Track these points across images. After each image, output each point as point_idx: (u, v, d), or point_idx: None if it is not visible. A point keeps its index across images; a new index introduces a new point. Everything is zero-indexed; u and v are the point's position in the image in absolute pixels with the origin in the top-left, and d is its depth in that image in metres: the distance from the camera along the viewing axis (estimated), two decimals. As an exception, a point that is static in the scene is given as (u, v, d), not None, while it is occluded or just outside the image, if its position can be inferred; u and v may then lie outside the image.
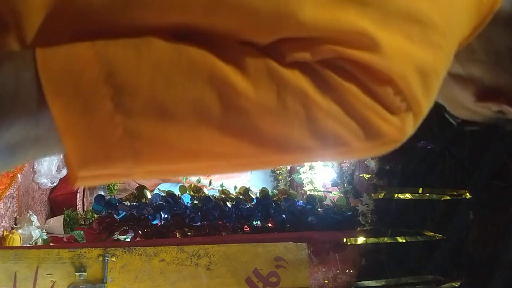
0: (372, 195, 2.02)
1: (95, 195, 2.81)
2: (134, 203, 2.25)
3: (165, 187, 4.01)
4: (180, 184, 2.50)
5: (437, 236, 1.97)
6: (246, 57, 0.43)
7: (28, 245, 2.47)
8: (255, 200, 2.29)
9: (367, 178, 2.18)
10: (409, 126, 0.47)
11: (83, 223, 2.96)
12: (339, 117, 0.44)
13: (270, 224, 2.27)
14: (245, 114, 0.43)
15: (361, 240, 2.01)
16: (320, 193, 2.84)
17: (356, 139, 0.46)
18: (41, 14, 0.45)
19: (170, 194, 2.29)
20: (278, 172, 4.11)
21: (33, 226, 2.56)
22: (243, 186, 2.44)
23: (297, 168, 3.53)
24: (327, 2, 0.42)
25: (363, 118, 0.44)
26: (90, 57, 0.41)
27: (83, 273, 1.90)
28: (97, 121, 0.42)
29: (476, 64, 0.54)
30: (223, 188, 3.63)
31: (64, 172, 3.16)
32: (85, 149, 0.43)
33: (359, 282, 2.02)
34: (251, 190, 2.39)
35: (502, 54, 0.53)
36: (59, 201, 3.17)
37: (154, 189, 3.86)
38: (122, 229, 2.17)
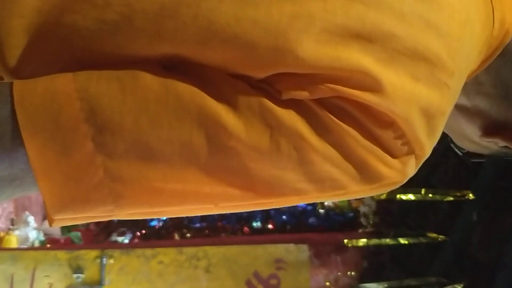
0: (374, 196, 2.00)
1: (93, 196, 2.79)
2: (133, 204, 2.24)
3: (164, 188, 4.02)
4: (179, 185, 2.49)
5: (440, 238, 1.95)
6: (239, 94, 0.40)
7: (25, 246, 2.46)
8: (255, 201, 2.28)
9: (368, 179, 2.17)
10: (411, 168, 0.45)
11: (80, 225, 2.95)
12: (336, 161, 0.42)
13: (270, 226, 2.26)
14: (235, 156, 0.41)
15: (362, 241, 2.00)
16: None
17: (353, 182, 0.44)
18: (23, 37, 0.43)
19: (169, 195, 2.28)
20: (278, 172, 4.11)
21: (30, 227, 2.55)
22: (243, 187, 2.44)
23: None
24: (329, 38, 0.39)
25: (362, 162, 0.42)
26: (70, 92, 0.39)
27: (81, 275, 1.90)
28: (76, 163, 0.39)
29: (483, 97, 0.52)
30: (223, 189, 3.64)
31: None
32: (62, 193, 0.41)
33: (360, 285, 2.01)
34: (251, 191, 2.38)
35: (511, 89, 0.51)
36: (57, 202, 3.16)
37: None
38: (120, 231, 2.16)
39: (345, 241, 2.01)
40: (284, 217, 2.24)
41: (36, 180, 0.40)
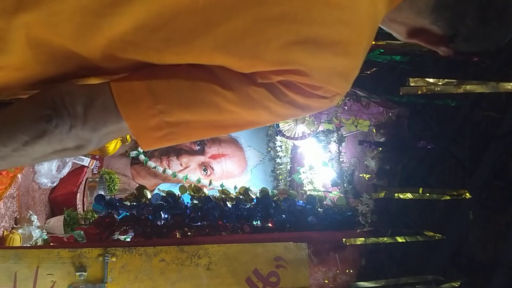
0: (372, 195, 2.02)
1: (95, 195, 2.80)
2: (134, 203, 2.25)
3: (165, 187, 4.01)
4: (180, 184, 2.50)
5: (437, 236, 1.97)
6: (235, 80, 0.75)
7: (28, 245, 2.47)
8: (255, 200, 2.29)
9: (367, 178, 2.18)
10: (337, 100, 0.82)
11: (83, 223, 2.96)
12: (290, 108, 0.78)
13: (270, 224, 2.27)
14: (234, 113, 0.77)
15: (360, 240, 2.01)
16: (320, 193, 2.84)
17: (303, 113, 0.81)
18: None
19: (170, 194, 2.29)
20: (278, 172, 4.11)
21: (33, 226, 2.56)
22: (243, 186, 2.44)
23: (297, 168, 3.53)
24: (282, 47, 0.71)
25: (305, 106, 0.78)
26: (143, 91, 0.74)
27: (83, 273, 1.90)
28: (152, 127, 0.75)
29: (405, 14, 0.83)
30: (223, 188, 3.63)
31: (64, 172, 3.16)
32: (147, 141, 0.78)
33: (358, 283, 2.02)
34: (251, 190, 2.39)
35: (422, 7, 0.81)
36: (59, 201, 3.16)
37: (154, 189, 3.86)
38: (122, 229, 2.17)
39: (344, 239, 2.03)
40: (283, 216, 2.25)
41: (134, 136, 0.76)
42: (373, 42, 2.07)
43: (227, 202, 2.29)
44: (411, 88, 1.74)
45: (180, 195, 2.30)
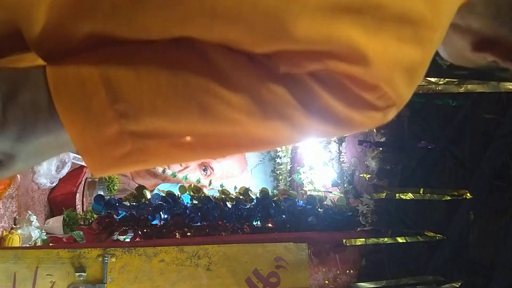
0: (374, 194, 2.02)
1: (94, 195, 2.80)
2: (134, 203, 2.24)
3: (165, 187, 4.01)
4: (180, 184, 2.50)
5: (438, 237, 1.96)
6: (236, 69, 0.48)
7: (27, 245, 2.47)
8: (255, 200, 2.29)
9: (367, 178, 2.18)
10: (391, 115, 0.54)
11: (82, 223, 2.95)
12: (321, 122, 0.51)
13: (270, 224, 2.27)
14: (237, 125, 0.50)
15: (361, 240, 2.01)
16: (320, 193, 2.84)
17: (338, 131, 0.53)
18: (46, 11, 0.51)
19: (170, 194, 2.29)
20: (278, 172, 4.10)
21: (33, 226, 2.55)
22: (243, 186, 2.44)
23: (297, 168, 3.53)
24: (322, 16, 0.44)
25: (346, 119, 0.50)
26: (96, 80, 0.47)
27: (83, 274, 1.90)
28: (108, 140, 0.49)
29: (476, 17, 0.57)
30: (223, 188, 3.63)
31: (63, 172, 3.16)
32: (101, 163, 0.51)
33: (358, 283, 2.02)
34: (251, 190, 2.39)
35: (502, 9, 0.56)
36: (58, 201, 3.16)
37: (154, 189, 3.85)
38: (122, 229, 2.17)
39: (344, 240, 2.03)
40: (283, 216, 2.25)
41: (79, 154, 0.50)
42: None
43: (227, 202, 2.29)
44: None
45: (180, 195, 2.30)
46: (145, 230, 2.17)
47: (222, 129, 0.50)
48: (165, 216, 2.21)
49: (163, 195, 2.29)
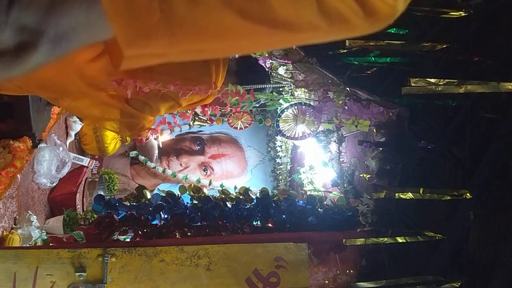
0: (373, 195, 2.02)
1: (94, 195, 2.80)
2: (134, 203, 2.24)
3: (165, 187, 4.01)
4: (180, 184, 2.50)
5: (438, 236, 1.96)
6: None
7: (27, 245, 2.47)
8: (255, 200, 2.29)
9: (367, 178, 2.18)
10: (401, 5, 0.60)
11: (82, 223, 2.96)
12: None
13: (270, 224, 2.27)
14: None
15: (360, 240, 2.01)
16: (320, 193, 2.84)
17: (356, 16, 0.58)
18: None
19: (170, 194, 2.29)
20: (278, 172, 4.10)
21: (33, 226, 2.55)
22: (243, 186, 2.44)
23: (297, 168, 3.53)
24: None
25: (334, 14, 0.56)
26: None
27: (83, 273, 1.90)
28: (138, 7, 0.50)
29: None
30: (223, 188, 3.63)
31: (63, 172, 3.16)
32: (129, 30, 0.52)
33: (358, 283, 2.02)
34: (251, 190, 2.39)
35: None
36: (58, 201, 3.16)
37: (154, 189, 3.86)
38: (122, 229, 2.17)
39: (344, 240, 2.03)
40: (283, 216, 2.25)
41: (109, 20, 0.50)
42: (373, 43, 2.07)
43: (227, 202, 2.29)
44: (412, 88, 1.74)
45: (180, 195, 2.30)
46: (145, 230, 2.17)
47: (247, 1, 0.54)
48: (165, 216, 2.21)
49: (163, 195, 2.29)
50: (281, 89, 3.16)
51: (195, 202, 2.28)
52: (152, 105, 1.81)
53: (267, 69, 2.65)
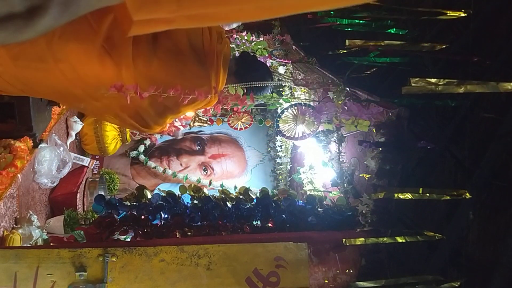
0: (372, 195, 2.02)
1: (95, 195, 2.81)
2: (134, 203, 2.25)
3: (165, 187, 4.02)
4: (180, 184, 2.50)
5: (437, 236, 1.97)
6: None
7: (28, 245, 2.47)
8: (255, 200, 2.29)
9: (367, 178, 2.18)
10: None
11: (83, 223, 2.96)
12: None
13: (270, 224, 2.27)
14: None
15: (360, 240, 2.01)
16: (320, 193, 2.84)
17: None
18: None
19: (170, 194, 2.29)
20: (278, 172, 4.11)
21: (33, 226, 2.56)
22: (243, 186, 2.45)
23: (297, 168, 3.53)
24: None
25: None
26: None
27: (83, 273, 1.90)
28: None
29: None
30: (223, 188, 3.63)
31: (64, 172, 3.17)
32: None
33: (358, 283, 2.02)
34: (251, 190, 2.39)
35: None
36: (59, 201, 3.17)
37: (154, 189, 3.86)
38: (122, 229, 2.17)
39: (344, 239, 2.03)
40: (283, 216, 2.25)
41: None
42: (373, 43, 2.08)
43: (227, 202, 2.29)
44: (412, 88, 1.74)
45: (180, 195, 2.31)
46: (145, 230, 2.17)
47: None
48: (166, 216, 2.21)
49: (164, 195, 2.30)
50: (281, 89, 3.16)
51: (195, 202, 2.28)
52: (157, 119, 1.82)
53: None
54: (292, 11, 0.61)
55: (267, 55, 3.10)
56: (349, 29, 2.40)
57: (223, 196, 2.36)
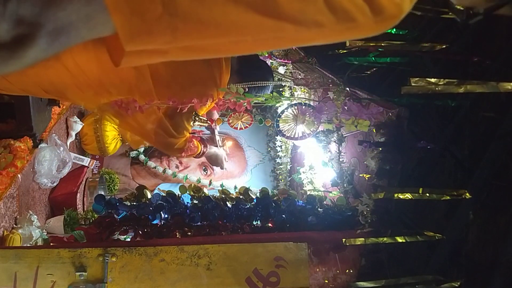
0: (372, 195, 2.02)
1: (95, 195, 2.81)
2: (134, 203, 2.25)
3: (165, 187, 4.02)
4: (180, 184, 2.50)
5: (437, 236, 1.97)
6: None
7: (28, 245, 2.47)
8: (255, 200, 2.30)
9: (367, 178, 2.18)
10: (407, 4, 0.61)
11: (83, 223, 2.96)
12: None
13: (270, 224, 2.27)
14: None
15: (360, 240, 2.01)
16: (320, 193, 2.84)
17: (362, 14, 0.58)
18: None
19: (170, 194, 2.30)
20: (278, 172, 4.11)
21: (33, 226, 2.56)
22: (243, 186, 2.45)
23: (297, 168, 3.53)
24: None
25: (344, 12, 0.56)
26: None
27: (83, 273, 1.90)
28: (140, 0, 0.48)
29: None
30: (223, 188, 3.63)
31: (64, 172, 3.17)
32: (130, 24, 0.50)
33: (358, 283, 2.02)
34: (251, 190, 2.39)
35: None
36: (59, 201, 3.17)
37: (154, 189, 3.86)
38: (122, 229, 2.17)
39: (344, 239, 2.03)
40: (283, 216, 2.25)
41: (110, 14, 0.48)
42: (373, 43, 2.07)
43: (227, 202, 2.29)
44: (412, 88, 1.74)
45: (180, 195, 2.31)
46: (145, 230, 2.18)
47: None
48: (166, 215, 2.21)
49: (164, 195, 2.30)
50: (281, 89, 3.16)
51: (195, 202, 2.28)
52: (180, 123, 1.83)
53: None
54: (291, 44, 0.62)
55: (267, 55, 3.10)
56: (349, 29, 2.39)
57: (223, 196, 2.36)
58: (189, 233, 2.19)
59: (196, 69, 1.72)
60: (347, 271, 2.07)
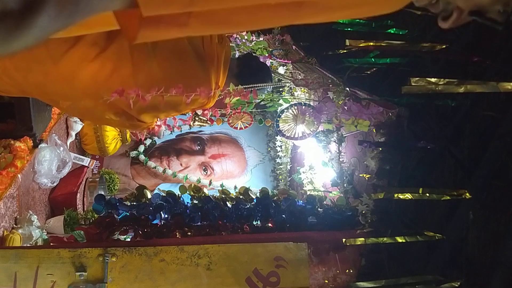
0: (372, 195, 2.02)
1: (95, 195, 2.81)
2: (134, 203, 2.25)
3: (165, 187, 4.02)
4: (180, 184, 2.50)
5: (437, 236, 1.97)
6: None
7: (28, 245, 2.47)
8: (255, 200, 2.29)
9: (367, 178, 2.18)
10: None
11: (83, 223, 2.96)
12: None
13: (270, 224, 2.27)
14: None
15: (360, 240, 2.01)
16: (320, 193, 2.84)
17: None
18: None
19: (170, 194, 2.29)
20: (278, 172, 4.11)
21: (33, 226, 2.56)
22: (243, 186, 2.45)
23: (297, 168, 3.53)
24: None
25: None
26: None
27: (83, 273, 1.90)
28: None
29: None
30: (223, 188, 3.63)
31: (64, 172, 3.17)
32: None
33: (358, 283, 2.02)
34: (251, 190, 2.39)
35: None
36: (59, 201, 3.17)
37: (154, 189, 3.86)
38: (122, 229, 2.17)
39: (344, 239, 2.03)
40: (283, 216, 2.25)
41: None
42: (373, 43, 2.07)
43: (227, 202, 2.29)
44: (412, 87, 1.74)
45: (180, 195, 2.31)
46: (145, 230, 2.17)
47: None
48: (166, 215, 2.21)
49: (164, 195, 2.30)
50: (281, 89, 3.16)
51: (195, 202, 2.28)
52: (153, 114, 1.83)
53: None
54: (315, 15, 0.59)
55: (267, 55, 3.10)
56: (349, 29, 2.40)
57: (223, 196, 2.36)
58: (189, 233, 2.18)
59: (192, 71, 1.72)
60: (347, 271, 2.07)
